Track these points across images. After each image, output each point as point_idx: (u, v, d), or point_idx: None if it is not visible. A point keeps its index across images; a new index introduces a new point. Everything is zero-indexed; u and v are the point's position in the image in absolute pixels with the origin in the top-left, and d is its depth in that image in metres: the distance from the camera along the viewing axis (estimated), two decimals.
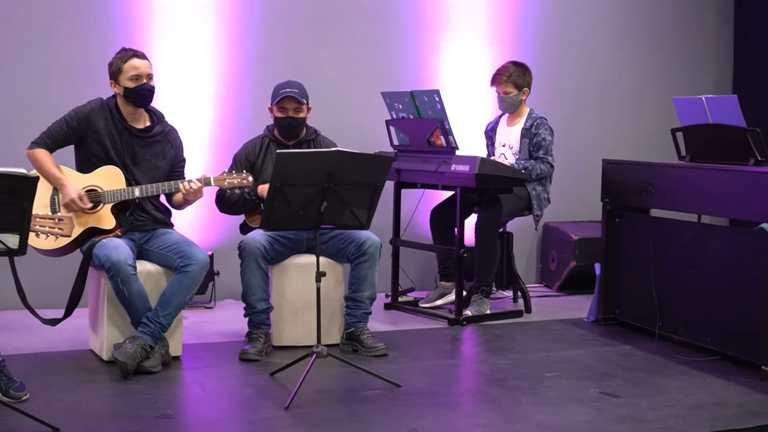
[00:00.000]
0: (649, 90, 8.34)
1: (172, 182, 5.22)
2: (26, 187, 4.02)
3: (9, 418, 4.22)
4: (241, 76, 7.09)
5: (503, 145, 6.69)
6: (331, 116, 6.60)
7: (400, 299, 6.82)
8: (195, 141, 6.60)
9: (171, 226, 5.43)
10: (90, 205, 5.12)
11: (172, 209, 5.46)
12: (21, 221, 4.05)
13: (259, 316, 5.44)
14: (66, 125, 5.22)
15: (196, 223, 6.73)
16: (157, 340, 5.04)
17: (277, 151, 4.73)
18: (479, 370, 5.43)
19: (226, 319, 6.35)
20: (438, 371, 5.24)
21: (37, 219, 4.35)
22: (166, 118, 5.48)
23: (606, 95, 8.23)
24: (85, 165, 5.24)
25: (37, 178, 4.06)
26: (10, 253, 4.10)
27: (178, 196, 5.28)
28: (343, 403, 4.67)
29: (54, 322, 5.15)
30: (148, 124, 5.36)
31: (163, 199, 5.43)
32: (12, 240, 4.07)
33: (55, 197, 5.13)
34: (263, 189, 5.43)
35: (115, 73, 5.23)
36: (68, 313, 5.16)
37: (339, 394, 4.83)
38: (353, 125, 7.06)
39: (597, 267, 6.33)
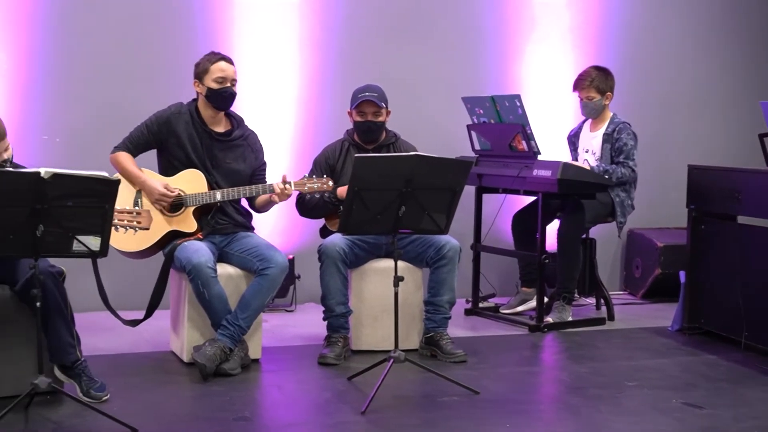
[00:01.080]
0: (739, 94, 8.14)
1: (254, 186, 5.25)
2: (108, 189, 4.09)
3: (89, 418, 4.29)
4: (323, 80, 7.11)
5: (586, 151, 6.59)
6: (411, 120, 6.58)
7: (480, 305, 6.77)
8: (276, 145, 6.64)
9: (252, 229, 5.46)
10: (177, 191, 5.17)
11: (254, 212, 5.49)
12: (102, 223, 4.13)
13: (337, 320, 5.43)
14: (147, 129, 5.30)
15: (277, 227, 6.77)
16: (236, 343, 5.07)
17: (356, 155, 4.73)
18: (559, 378, 5.36)
19: (306, 322, 6.36)
20: (517, 378, 5.18)
21: (116, 213, 4.41)
22: (248, 122, 5.53)
23: (693, 100, 8.07)
24: (167, 169, 5.30)
25: (118, 181, 4.13)
26: (92, 254, 4.18)
27: (261, 199, 5.31)
28: (420, 409, 4.64)
29: (135, 323, 5.22)
30: (228, 128, 5.40)
31: (244, 202, 5.46)
32: (94, 242, 4.15)
33: (139, 199, 5.19)
34: (343, 192, 5.43)
35: (200, 73, 5.29)
36: (149, 314, 5.23)
37: (416, 400, 4.80)
38: (434, 130, 7.03)
39: (682, 275, 6.19)
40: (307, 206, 5.60)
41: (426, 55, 7.27)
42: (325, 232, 5.70)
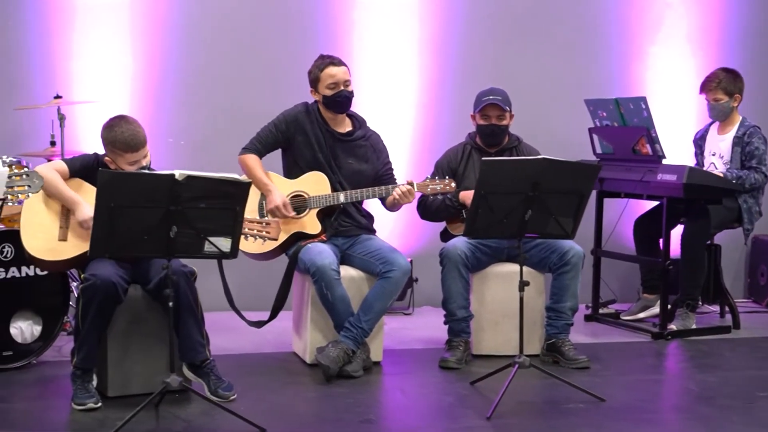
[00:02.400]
0: None
1: (376, 188, 5.26)
2: (239, 192, 4.14)
3: (217, 417, 4.35)
4: (443, 83, 7.10)
5: (713, 154, 6.43)
6: (532, 123, 6.50)
7: (600, 311, 6.67)
8: (396, 147, 6.63)
9: (374, 231, 5.47)
10: (292, 214, 5.22)
11: (387, 210, 5.51)
12: (233, 225, 4.18)
13: (459, 324, 5.41)
14: (275, 128, 5.35)
15: (396, 230, 6.77)
16: (359, 345, 5.09)
17: (483, 158, 4.69)
18: (686, 386, 5.24)
19: (425, 325, 6.36)
20: (643, 386, 5.09)
21: (246, 222, 4.46)
22: (368, 125, 5.54)
23: None
24: (292, 169, 5.35)
25: (249, 184, 4.18)
26: (223, 256, 4.23)
27: (390, 200, 5.32)
28: (545, 416, 4.58)
29: (259, 324, 5.28)
30: (350, 128, 5.43)
31: (367, 204, 5.48)
32: (224, 243, 4.20)
33: (263, 202, 5.25)
34: (465, 196, 5.41)
35: (313, 82, 5.33)
36: (273, 315, 5.28)
37: (540, 406, 4.74)
38: (554, 133, 6.94)
39: None
40: (429, 209, 5.59)
41: (546, 57, 7.20)
42: (446, 236, 5.68)
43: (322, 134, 5.32)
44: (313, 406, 4.68)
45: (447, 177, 5.39)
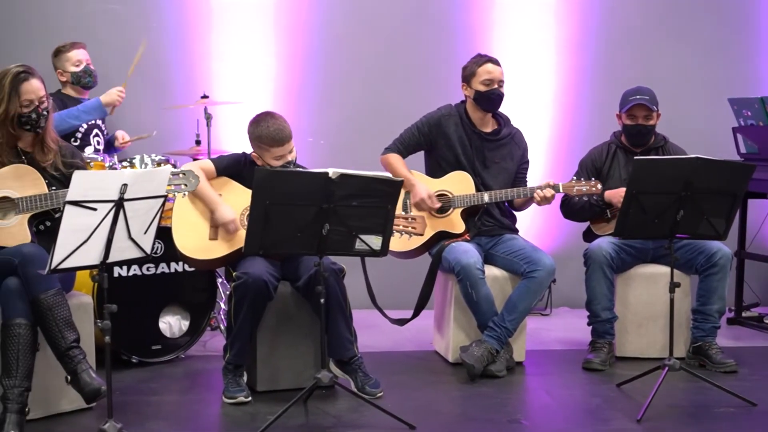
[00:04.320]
0: None
1: (520, 188, 5.24)
2: (391, 190, 4.16)
3: (366, 414, 4.38)
4: (581, 83, 7.03)
5: None
6: (673, 122, 6.39)
7: (743, 314, 6.51)
8: (534, 147, 6.57)
9: (517, 231, 5.44)
10: (438, 204, 5.23)
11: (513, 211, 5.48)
12: (384, 223, 4.20)
13: (603, 326, 5.34)
14: (418, 131, 5.37)
15: (534, 229, 6.73)
16: (502, 345, 5.07)
17: (635, 158, 4.62)
18: None
19: (563, 326, 6.31)
20: None
21: (394, 217, 4.48)
22: (511, 122, 5.52)
23: None
24: (435, 170, 5.36)
25: (401, 182, 4.20)
26: (373, 254, 4.26)
27: (519, 199, 5.28)
28: (696, 419, 4.48)
29: (402, 322, 5.31)
30: (495, 127, 5.42)
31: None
32: (375, 241, 4.23)
33: (407, 200, 5.27)
34: (610, 195, 5.34)
35: (468, 77, 5.33)
36: (416, 314, 5.30)
37: (691, 410, 4.64)
38: (697, 132, 6.79)
39: None
40: (573, 208, 5.53)
41: (688, 55, 7.07)
42: (589, 236, 5.61)
43: (468, 136, 5.32)
44: (459, 405, 4.68)
45: (593, 178, 5.32)
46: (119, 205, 3.59)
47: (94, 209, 3.53)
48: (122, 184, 3.56)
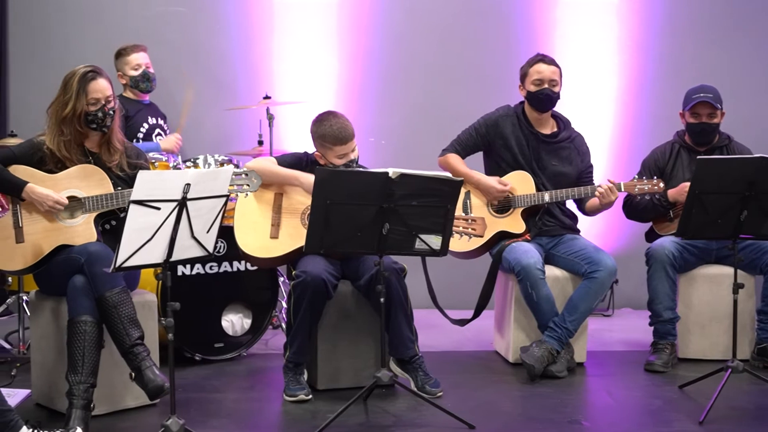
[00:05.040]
0: None
1: (581, 188, 5.21)
2: (451, 190, 4.16)
3: (426, 413, 4.39)
4: (643, 81, 6.98)
5: None
6: (738, 121, 6.30)
7: None
8: (596, 146, 6.54)
9: (578, 231, 5.41)
10: (509, 186, 5.22)
11: (583, 215, 5.44)
12: (444, 223, 4.21)
13: (665, 326, 5.29)
14: (475, 132, 5.37)
15: (596, 229, 6.68)
16: (563, 345, 5.05)
17: (698, 157, 4.57)
18: None
19: (626, 327, 6.26)
20: None
21: (454, 216, 4.48)
22: (573, 126, 5.49)
23: None
24: (494, 171, 5.36)
25: (461, 182, 4.20)
26: (433, 253, 4.27)
27: (592, 202, 5.25)
28: (759, 422, 4.42)
29: (463, 322, 5.31)
30: (554, 129, 5.39)
31: (571, 205, 5.43)
32: (435, 241, 4.23)
33: (467, 201, 5.28)
34: (674, 194, 5.29)
35: (522, 77, 5.34)
36: (477, 314, 5.29)
37: (754, 413, 4.57)
38: (763, 131, 6.71)
39: None
40: (635, 208, 5.48)
41: (753, 52, 6.98)
42: (652, 236, 5.56)
43: (525, 136, 5.31)
44: (520, 405, 4.67)
45: (655, 177, 5.28)
46: (182, 204, 3.64)
47: (158, 208, 3.59)
48: (185, 183, 3.61)
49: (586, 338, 5.31)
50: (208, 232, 3.83)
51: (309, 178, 4.61)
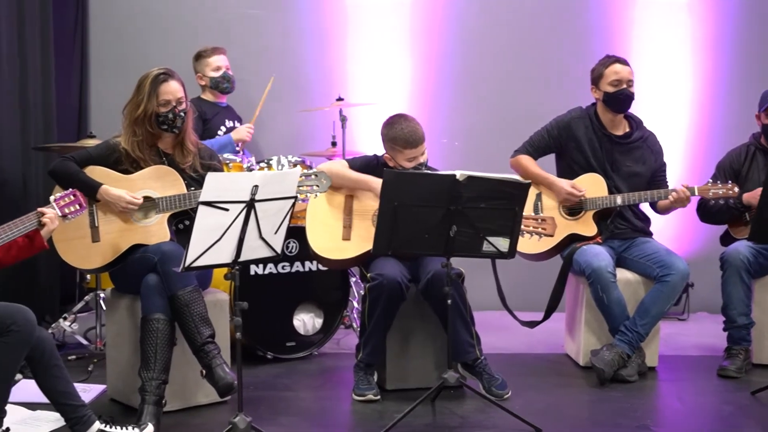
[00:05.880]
0: None
1: (654, 191, 5.16)
2: (519, 192, 4.16)
3: (493, 415, 4.39)
4: (718, 82, 6.89)
5: None
6: None
7: None
8: (671, 148, 6.47)
9: (650, 234, 5.36)
10: (584, 191, 5.19)
11: (656, 214, 5.39)
12: (512, 225, 4.21)
13: (739, 332, 5.21)
14: (547, 134, 5.35)
15: (669, 232, 6.60)
16: (634, 349, 5.00)
17: None
18: None
19: (700, 332, 6.19)
20: None
21: (522, 219, 4.48)
22: (645, 125, 5.44)
23: None
24: (566, 173, 5.33)
25: (529, 184, 4.20)
26: (501, 255, 4.27)
27: (664, 203, 5.20)
28: None
29: (532, 324, 5.29)
30: (627, 130, 5.35)
31: (644, 206, 5.38)
32: (503, 243, 4.24)
33: (539, 202, 5.26)
34: (749, 197, 5.21)
35: (596, 79, 5.28)
36: (547, 316, 5.27)
37: None
38: None
39: None
40: (710, 211, 5.41)
41: None
42: (727, 239, 5.48)
43: (598, 138, 5.27)
44: (587, 408, 4.65)
45: (730, 182, 5.20)
46: (250, 205, 3.70)
47: (226, 209, 3.65)
48: (253, 185, 3.67)
49: (659, 342, 5.25)
50: (276, 233, 3.88)
51: (379, 183, 4.64)
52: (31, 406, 4.38)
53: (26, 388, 4.07)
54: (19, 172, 6.03)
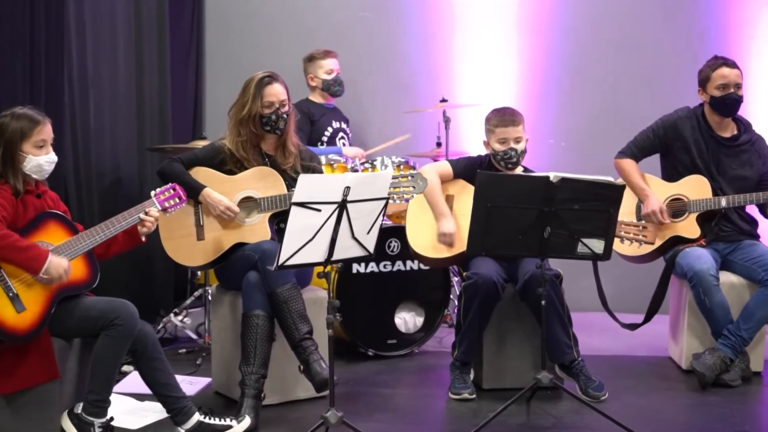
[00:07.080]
0: None
1: (761, 193, 5.06)
2: (613, 194, 4.15)
3: (588, 416, 4.38)
4: None
5: None
6: None
7: None
8: None
9: (757, 237, 5.26)
10: (668, 221, 5.13)
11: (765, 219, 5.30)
12: (607, 227, 4.20)
13: None
14: (653, 134, 5.30)
15: None
16: (737, 354, 4.92)
17: None
18: None
19: None
20: None
21: (623, 225, 4.47)
22: (754, 127, 5.33)
23: None
24: (671, 173, 5.27)
25: (623, 187, 4.18)
26: (595, 257, 4.26)
27: None
28: None
29: (633, 327, 5.26)
30: (734, 132, 5.26)
31: (751, 209, 5.28)
32: (597, 245, 4.23)
33: (640, 205, 5.22)
34: None
35: (703, 81, 5.21)
36: (648, 319, 5.22)
37: None
38: None
39: None
40: None
41: None
42: None
43: (704, 140, 5.20)
44: (685, 413, 4.60)
45: None
46: (342, 206, 3.78)
47: (319, 210, 3.74)
48: (345, 187, 3.75)
49: (764, 347, 5.14)
50: (368, 233, 3.95)
51: (444, 225, 4.83)
52: (140, 397, 4.56)
53: (136, 380, 4.23)
54: (135, 171, 6.27)
